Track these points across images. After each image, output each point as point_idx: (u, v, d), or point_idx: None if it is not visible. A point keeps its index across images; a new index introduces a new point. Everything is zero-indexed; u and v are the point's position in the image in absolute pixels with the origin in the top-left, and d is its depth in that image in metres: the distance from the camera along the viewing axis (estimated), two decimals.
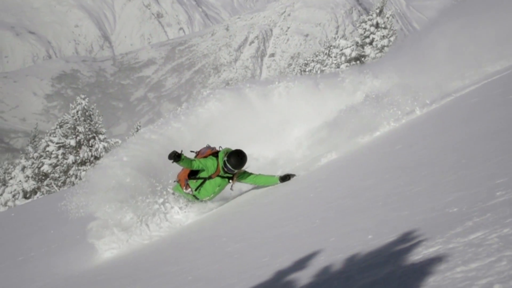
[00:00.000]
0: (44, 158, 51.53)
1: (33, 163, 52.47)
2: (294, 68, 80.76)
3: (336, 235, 5.39)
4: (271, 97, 14.97)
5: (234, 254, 6.58)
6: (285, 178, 10.70)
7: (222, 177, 10.88)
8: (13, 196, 52.06)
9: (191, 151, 11.17)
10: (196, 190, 10.97)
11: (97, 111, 54.45)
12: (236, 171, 10.68)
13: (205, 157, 10.90)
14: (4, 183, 54.11)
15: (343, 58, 54.80)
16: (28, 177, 51.96)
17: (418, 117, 11.99)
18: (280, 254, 5.56)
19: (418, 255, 3.83)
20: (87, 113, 52.20)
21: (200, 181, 10.91)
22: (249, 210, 9.63)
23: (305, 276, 4.46)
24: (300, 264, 4.88)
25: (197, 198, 11.12)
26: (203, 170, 10.80)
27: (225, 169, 10.70)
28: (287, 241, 6.09)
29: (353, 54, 53.54)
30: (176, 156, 10.04)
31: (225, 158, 10.61)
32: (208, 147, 11.28)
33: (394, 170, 7.33)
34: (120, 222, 10.89)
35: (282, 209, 8.38)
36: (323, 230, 5.88)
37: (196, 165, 10.57)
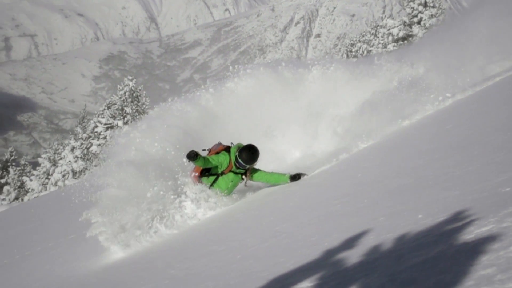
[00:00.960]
0: (93, 139, 52.37)
1: (82, 143, 53.39)
2: (340, 49, 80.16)
3: (385, 215, 5.35)
4: (306, 79, 14.86)
5: (282, 233, 6.59)
6: (295, 177, 10.46)
7: (235, 172, 10.82)
8: (63, 176, 53.13)
9: (203, 149, 11.05)
10: (210, 187, 10.89)
11: (144, 92, 55.02)
12: (248, 166, 10.64)
13: (217, 153, 10.87)
14: (55, 164, 55.23)
15: (390, 38, 54.15)
16: (77, 157, 52.93)
17: (462, 99, 11.84)
18: (328, 233, 5.55)
19: (470, 234, 3.78)
20: (134, 94, 52.78)
21: (213, 178, 10.86)
22: (296, 191, 9.62)
23: (354, 255, 4.45)
24: (349, 243, 4.87)
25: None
26: (216, 167, 10.75)
27: (237, 165, 10.65)
28: (335, 221, 6.08)
29: (401, 34, 52.85)
30: (194, 156, 10.04)
31: (237, 153, 10.58)
32: (220, 143, 11.18)
33: (444, 150, 7.25)
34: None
35: (329, 189, 8.35)
36: (371, 210, 5.84)
37: (214, 162, 10.57)
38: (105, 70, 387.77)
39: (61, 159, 54.22)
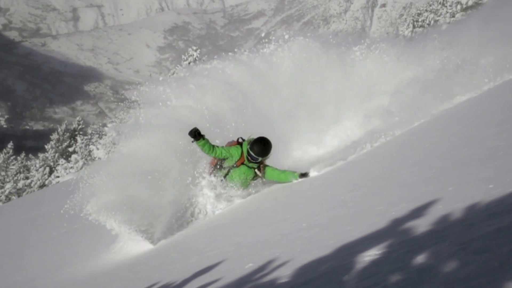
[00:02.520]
0: None
1: None
2: (406, 19, 78.58)
3: (455, 185, 5.27)
4: (349, 59, 14.61)
5: (348, 202, 6.57)
6: (304, 174, 10.21)
7: (248, 166, 10.63)
8: None
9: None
10: (222, 179, 10.71)
11: None
12: (260, 159, 10.48)
13: (230, 146, 10.74)
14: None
15: (458, 7, 52.86)
16: None
17: None
18: (396, 203, 5.51)
19: None
20: None
21: (225, 170, 10.69)
22: (362, 161, 9.55)
23: (423, 224, 4.40)
24: (417, 212, 4.82)
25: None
26: (227, 158, 10.59)
27: (249, 158, 10.49)
28: (403, 190, 6.02)
29: (470, 3, 51.51)
30: (197, 134, 9.98)
31: (249, 146, 10.45)
32: (233, 141, 10.98)
33: None
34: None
35: (396, 159, 8.26)
36: (440, 180, 5.76)
37: (219, 152, 10.43)
38: (170, 40, 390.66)
39: None
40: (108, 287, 7.87)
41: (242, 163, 10.64)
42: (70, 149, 59.68)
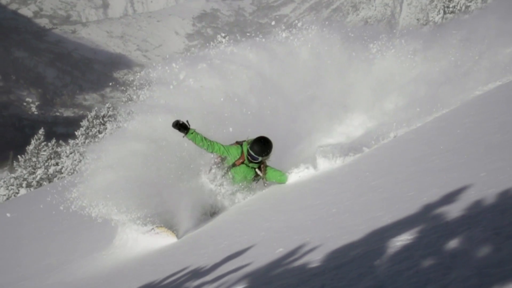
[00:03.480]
0: None
1: None
2: (436, 4, 77.42)
3: (487, 170, 5.23)
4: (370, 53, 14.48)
5: (378, 188, 6.55)
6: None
7: (248, 165, 10.39)
8: None
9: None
10: (222, 176, 10.52)
11: None
12: (260, 158, 10.21)
13: (230, 146, 10.52)
14: None
15: None
16: None
17: None
18: (427, 189, 5.47)
19: None
20: None
21: (224, 170, 10.47)
22: (392, 146, 9.51)
23: (455, 209, 4.37)
24: (449, 198, 4.79)
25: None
26: (225, 157, 10.40)
27: (250, 158, 10.24)
28: (434, 176, 5.98)
29: None
30: (181, 127, 9.84)
31: (249, 146, 10.20)
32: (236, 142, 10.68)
33: None
34: None
35: (427, 145, 8.20)
36: (472, 166, 5.72)
37: (217, 148, 10.25)
38: (198, 27, 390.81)
39: None
40: (139, 270, 7.94)
41: (242, 163, 10.40)
42: (100, 136, 60.13)
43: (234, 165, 10.42)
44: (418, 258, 3.46)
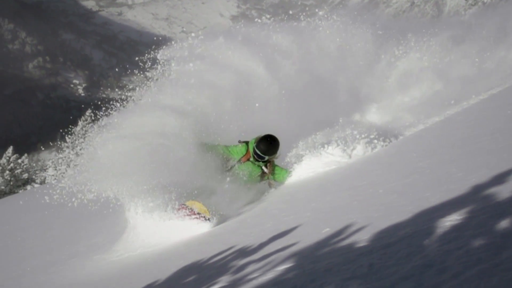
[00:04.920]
0: None
1: None
2: None
3: None
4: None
5: (425, 169, 6.49)
6: None
7: (254, 163, 10.16)
8: None
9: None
10: (227, 171, 10.31)
11: None
12: (266, 158, 9.98)
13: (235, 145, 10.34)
14: None
15: None
16: None
17: None
18: (475, 170, 5.41)
19: None
20: None
21: (229, 167, 10.27)
22: (439, 128, 9.40)
23: (505, 190, 4.31)
24: (499, 179, 4.73)
25: None
26: (228, 159, 10.24)
27: (256, 157, 10.00)
28: (483, 157, 5.90)
29: None
30: None
31: (255, 144, 9.94)
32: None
33: None
34: None
35: (475, 126, 8.09)
36: None
37: (219, 149, 10.19)
38: (243, 9, 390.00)
39: None
40: (187, 249, 8.02)
41: (248, 160, 10.20)
42: None
43: (239, 162, 10.22)
44: (468, 238, 3.43)
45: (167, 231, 9.27)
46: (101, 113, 10.89)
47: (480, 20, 15.64)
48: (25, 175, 54.32)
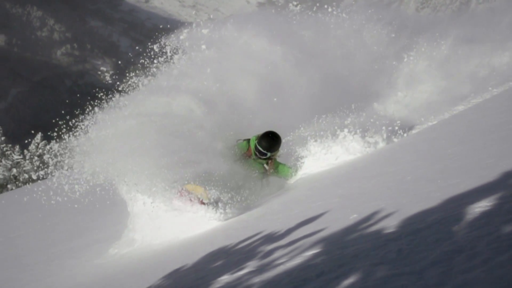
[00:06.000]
0: None
1: None
2: None
3: None
4: None
5: (454, 156, 6.43)
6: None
7: (255, 161, 10.03)
8: None
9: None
10: None
11: None
12: (269, 154, 9.82)
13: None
14: None
15: None
16: None
17: None
18: (506, 156, 5.36)
19: None
20: None
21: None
22: (468, 114, 9.32)
23: None
24: None
25: None
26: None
27: (258, 154, 9.85)
28: None
29: None
30: None
31: (256, 141, 9.80)
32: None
33: None
34: None
35: (505, 112, 8.00)
36: None
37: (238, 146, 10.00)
38: None
39: None
40: (214, 235, 8.05)
41: (249, 157, 10.09)
42: None
43: (241, 158, 10.10)
44: (499, 224, 3.40)
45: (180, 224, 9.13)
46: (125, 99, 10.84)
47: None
48: (54, 161, 54.89)
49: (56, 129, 10.99)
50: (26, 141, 56.74)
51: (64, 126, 10.78)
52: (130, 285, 6.75)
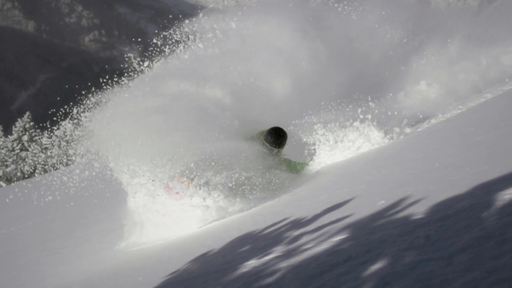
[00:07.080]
0: None
1: None
2: None
3: None
4: None
5: (484, 143, 6.38)
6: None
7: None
8: None
9: None
10: None
11: None
12: (276, 150, 9.68)
13: None
14: None
15: None
16: None
17: None
18: None
19: None
20: None
21: None
22: (498, 101, 9.22)
23: None
24: None
25: None
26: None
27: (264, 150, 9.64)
28: None
29: None
30: None
31: (262, 138, 9.67)
32: None
33: None
34: None
35: None
36: None
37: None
38: None
39: None
40: (241, 220, 8.08)
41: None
42: None
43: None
44: None
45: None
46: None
47: None
48: (82, 148, 55.30)
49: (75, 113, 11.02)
50: (54, 127, 57.32)
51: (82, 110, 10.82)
52: (157, 269, 6.80)
